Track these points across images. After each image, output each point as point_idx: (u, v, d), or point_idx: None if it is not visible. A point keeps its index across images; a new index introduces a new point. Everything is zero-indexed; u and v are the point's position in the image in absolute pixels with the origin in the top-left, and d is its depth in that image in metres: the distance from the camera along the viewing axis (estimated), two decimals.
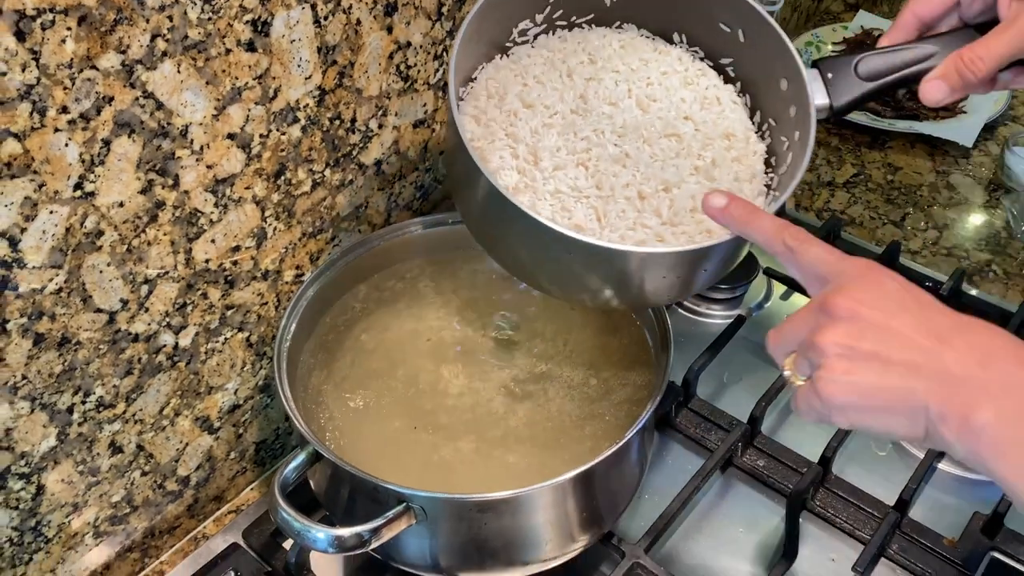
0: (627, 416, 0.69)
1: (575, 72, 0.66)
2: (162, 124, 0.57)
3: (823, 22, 1.42)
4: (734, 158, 0.65)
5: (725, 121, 0.67)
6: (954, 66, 0.60)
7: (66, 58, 0.51)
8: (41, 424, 0.60)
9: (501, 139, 0.62)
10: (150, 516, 0.72)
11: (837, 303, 0.48)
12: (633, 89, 0.66)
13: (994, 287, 0.98)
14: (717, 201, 0.57)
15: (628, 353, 0.74)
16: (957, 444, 0.45)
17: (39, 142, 0.52)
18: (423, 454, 0.67)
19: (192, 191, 0.62)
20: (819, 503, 0.76)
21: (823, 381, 0.48)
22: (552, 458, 0.67)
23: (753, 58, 0.67)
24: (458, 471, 0.66)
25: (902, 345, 0.47)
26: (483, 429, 0.69)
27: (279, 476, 0.59)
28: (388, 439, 0.68)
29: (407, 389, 0.71)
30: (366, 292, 0.77)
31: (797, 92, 0.64)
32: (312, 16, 0.63)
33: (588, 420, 0.69)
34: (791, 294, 0.96)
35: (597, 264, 0.59)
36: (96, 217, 0.57)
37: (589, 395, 0.71)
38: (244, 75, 0.61)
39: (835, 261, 0.51)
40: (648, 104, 0.66)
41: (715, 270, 0.63)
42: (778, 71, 0.65)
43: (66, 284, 0.57)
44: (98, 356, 0.61)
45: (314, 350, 0.73)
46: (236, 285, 0.68)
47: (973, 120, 1.18)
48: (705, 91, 0.68)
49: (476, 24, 0.61)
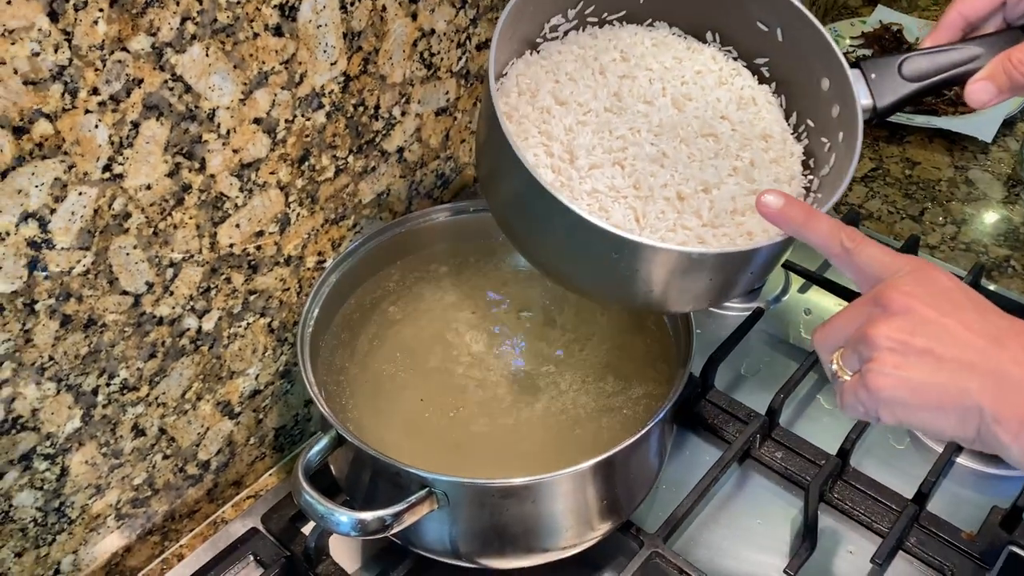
0: (645, 410, 0.69)
1: (607, 70, 0.65)
2: (190, 107, 0.58)
3: (841, 16, 1.41)
4: (772, 159, 0.65)
5: (762, 122, 0.66)
6: (1002, 67, 0.59)
7: (98, 40, 0.51)
8: (66, 405, 0.60)
9: (535, 136, 0.62)
10: (170, 500, 0.72)
11: (891, 297, 0.48)
12: (668, 88, 0.65)
13: (1013, 283, 0.98)
14: (774, 201, 0.55)
15: (648, 346, 0.74)
16: (1014, 446, 0.45)
17: (70, 123, 0.52)
18: (445, 439, 0.67)
19: (218, 175, 0.62)
20: (837, 495, 0.76)
21: (872, 374, 0.47)
22: (570, 448, 0.67)
23: (791, 57, 0.67)
24: (478, 457, 0.66)
25: (956, 343, 0.46)
26: (503, 416, 0.69)
27: (302, 459, 0.59)
28: (410, 424, 0.68)
29: (429, 375, 0.71)
30: (388, 279, 0.77)
31: (840, 91, 0.63)
32: (338, 2, 0.63)
33: (605, 413, 0.69)
34: (809, 287, 0.95)
35: (644, 265, 0.57)
36: (124, 199, 0.57)
37: (606, 389, 0.71)
38: (271, 60, 0.61)
39: (890, 261, 0.51)
40: (684, 103, 0.65)
41: (758, 273, 0.62)
42: (818, 70, 0.65)
43: (93, 266, 0.57)
44: (123, 339, 0.61)
45: (335, 336, 0.73)
46: (259, 270, 0.69)
47: (992, 115, 1.17)
48: (740, 91, 0.67)
49: (513, 18, 0.60)
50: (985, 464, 0.80)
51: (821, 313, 0.93)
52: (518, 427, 0.68)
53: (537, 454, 0.67)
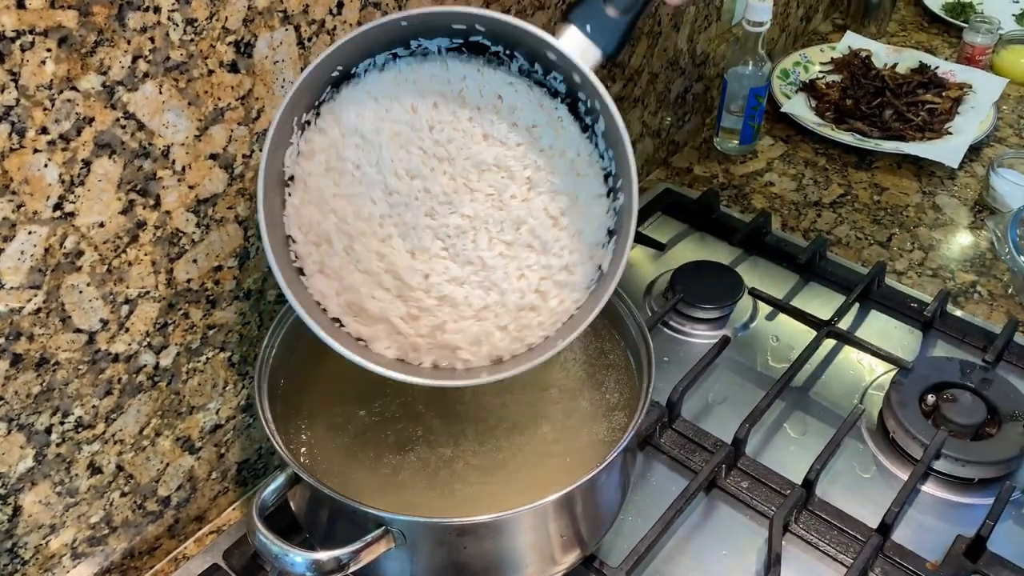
0: (608, 440, 0.69)
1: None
2: (143, 145, 0.57)
3: (811, 43, 1.43)
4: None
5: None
6: None
7: (46, 79, 0.51)
8: (18, 445, 0.59)
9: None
10: (130, 537, 0.71)
11: None
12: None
13: (979, 308, 0.98)
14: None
15: (611, 376, 0.74)
16: None
17: (18, 163, 0.51)
18: (408, 475, 0.67)
19: (174, 211, 0.61)
20: (802, 526, 0.76)
21: None
22: (533, 481, 0.67)
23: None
24: (440, 493, 0.66)
25: None
26: (466, 451, 0.68)
27: (257, 499, 0.59)
28: (371, 460, 0.68)
29: (391, 409, 0.71)
30: None
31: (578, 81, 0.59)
32: (296, 37, 0.63)
33: (569, 443, 0.69)
34: (776, 314, 0.96)
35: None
36: (76, 237, 0.56)
37: (571, 418, 0.71)
38: (227, 96, 0.61)
39: None
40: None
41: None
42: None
43: (45, 304, 0.57)
44: (77, 376, 0.61)
45: (297, 369, 0.73)
46: (218, 305, 0.68)
47: (959, 141, 1.19)
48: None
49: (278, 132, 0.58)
50: (950, 492, 0.80)
51: (789, 340, 0.93)
52: (486, 461, 0.68)
53: (504, 489, 0.66)
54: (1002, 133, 1.25)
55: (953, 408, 0.82)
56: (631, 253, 1.03)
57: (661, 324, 0.94)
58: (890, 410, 0.83)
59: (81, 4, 0.50)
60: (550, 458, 0.69)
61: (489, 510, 0.59)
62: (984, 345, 0.91)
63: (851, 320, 0.96)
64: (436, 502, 0.65)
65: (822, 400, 0.88)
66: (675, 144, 1.21)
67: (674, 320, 0.95)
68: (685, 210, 1.09)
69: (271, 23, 0.61)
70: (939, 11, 1.50)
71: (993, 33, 1.33)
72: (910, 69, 1.33)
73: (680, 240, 1.06)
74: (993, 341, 0.90)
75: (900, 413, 0.82)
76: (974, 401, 0.83)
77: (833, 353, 0.92)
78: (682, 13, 1.07)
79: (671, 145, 1.20)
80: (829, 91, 1.27)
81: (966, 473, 0.79)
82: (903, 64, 1.34)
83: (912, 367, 0.86)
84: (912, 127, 1.21)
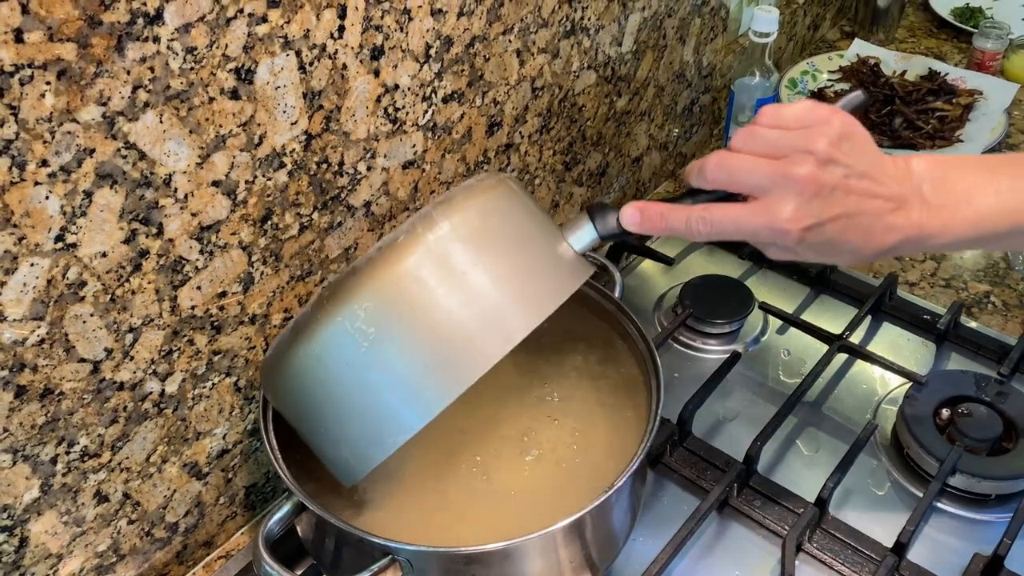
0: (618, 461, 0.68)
1: None
2: (145, 174, 0.57)
3: (819, 51, 1.42)
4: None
5: None
6: (687, 213, 0.60)
7: (45, 112, 0.50)
8: (24, 476, 0.59)
9: None
10: (138, 564, 0.71)
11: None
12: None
13: (993, 319, 0.97)
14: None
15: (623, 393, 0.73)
16: None
17: (18, 196, 0.51)
18: (414, 500, 0.66)
19: (176, 239, 0.61)
20: (816, 545, 0.75)
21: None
22: (544, 505, 0.66)
23: None
24: (450, 518, 0.65)
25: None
26: (474, 477, 0.68)
27: (263, 528, 0.58)
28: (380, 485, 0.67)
29: None
30: None
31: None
32: (297, 63, 0.63)
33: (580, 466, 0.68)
34: (787, 328, 0.95)
35: None
36: (78, 268, 0.56)
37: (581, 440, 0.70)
38: (228, 123, 0.61)
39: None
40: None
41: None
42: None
43: (48, 335, 0.56)
44: (82, 406, 0.61)
45: None
46: (223, 330, 0.68)
47: (970, 148, 1.17)
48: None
49: None
50: (966, 509, 0.79)
51: (800, 354, 0.92)
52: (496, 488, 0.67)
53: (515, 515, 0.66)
54: (1014, 139, 1.23)
55: (968, 423, 0.81)
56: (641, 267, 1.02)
57: (671, 339, 0.93)
58: (904, 425, 0.82)
59: (80, 36, 0.50)
60: (560, 480, 0.68)
61: (499, 536, 0.58)
62: (999, 357, 0.90)
63: (863, 333, 0.95)
64: (445, 529, 0.64)
65: (835, 416, 0.87)
66: (682, 156, 1.21)
67: (684, 335, 0.94)
68: None
69: (272, 49, 0.61)
70: (948, 16, 1.49)
71: (1003, 38, 1.32)
72: (919, 76, 1.31)
73: (689, 254, 1.05)
74: (1008, 353, 0.88)
75: (914, 428, 0.81)
76: (990, 415, 0.82)
77: (845, 367, 0.91)
78: (687, 25, 1.07)
79: (679, 157, 1.20)
80: (838, 100, 1.26)
81: (982, 489, 0.78)
82: (912, 71, 1.32)
83: (926, 381, 0.85)
84: (922, 135, 1.20)
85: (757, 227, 0.57)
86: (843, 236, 0.57)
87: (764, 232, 0.57)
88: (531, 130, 0.89)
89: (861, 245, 0.58)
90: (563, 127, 0.94)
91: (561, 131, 0.94)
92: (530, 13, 0.81)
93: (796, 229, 0.56)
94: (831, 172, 0.56)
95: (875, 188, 0.57)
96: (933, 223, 0.58)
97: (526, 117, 0.88)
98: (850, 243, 0.57)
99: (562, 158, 0.96)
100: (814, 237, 0.57)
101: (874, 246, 0.58)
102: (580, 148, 0.99)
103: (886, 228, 0.57)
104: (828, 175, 0.56)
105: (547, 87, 0.88)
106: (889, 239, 0.58)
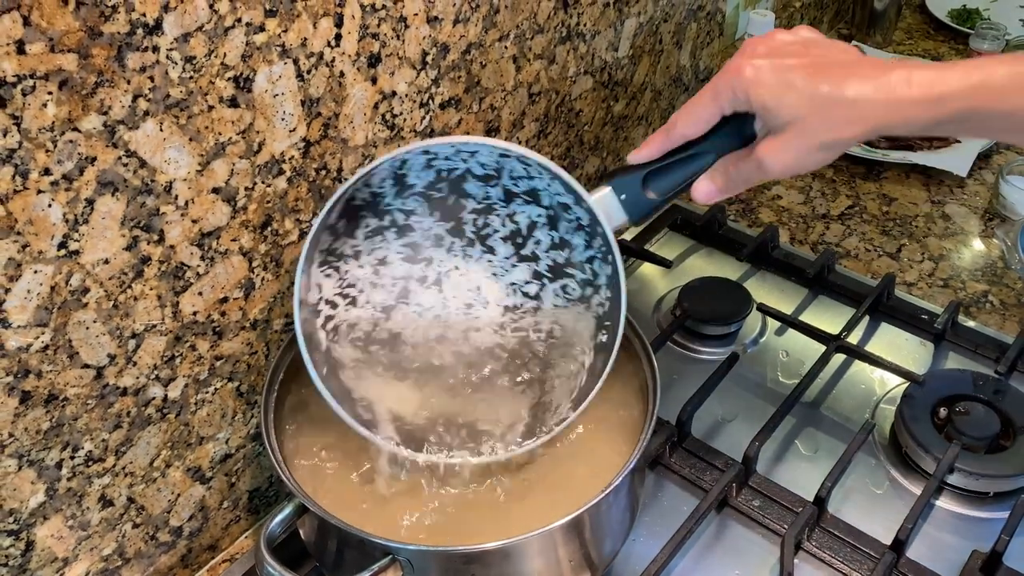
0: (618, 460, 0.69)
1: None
2: (146, 181, 0.58)
3: None
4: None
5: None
6: (726, 171, 0.62)
7: (47, 122, 0.51)
8: (29, 481, 0.60)
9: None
10: (143, 568, 0.72)
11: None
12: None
13: (991, 318, 0.98)
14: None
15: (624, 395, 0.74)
16: None
17: (22, 204, 0.52)
18: (417, 501, 0.67)
19: (178, 245, 0.62)
20: (815, 544, 0.75)
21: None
22: (543, 504, 0.66)
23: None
24: (449, 519, 0.66)
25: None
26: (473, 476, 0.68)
27: (265, 530, 0.59)
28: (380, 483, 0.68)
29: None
30: None
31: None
32: (295, 70, 0.64)
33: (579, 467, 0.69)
34: (785, 330, 0.95)
35: None
36: (81, 275, 0.57)
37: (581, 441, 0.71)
38: (227, 130, 0.62)
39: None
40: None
41: None
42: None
43: (52, 342, 0.57)
44: (86, 411, 0.61)
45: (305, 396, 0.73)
46: (225, 336, 0.69)
47: (967, 149, 1.18)
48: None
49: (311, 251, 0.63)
50: (964, 507, 0.79)
51: (798, 355, 0.93)
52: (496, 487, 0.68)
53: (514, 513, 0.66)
54: None
55: (966, 421, 0.81)
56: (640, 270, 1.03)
57: (670, 342, 0.94)
58: (902, 424, 0.82)
59: (81, 47, 0.51)
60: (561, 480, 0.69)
61: (498, 535, 0.59)
62: (997, 356, 0.90)
63: (861, 333, 0.95)
64: (445, 528, 0.65)
65: (833, 415, 0.87)
66: None
67: (682, 337, 0.95)
68: (692, 226, 1.09)
69: (269, 57, 0.62)
70: (945, 18, 1.50)
71: (1000, 39, 1.32)
72: None
73: (688, 256, 1.06)
74: (1006, 352, 0.89)
75: (912, 427, 0.81)
76: (987, 413, 0.82)
77: (844, 367, 0.92)
78: (683, 30, 1.07)
79: None
80: None
81: (980, 487, 0.79)
82: None
83: (924, 380, 0.85)
84: (919, 136, 1.20)
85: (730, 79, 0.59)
86: (811, 76, 0.57)
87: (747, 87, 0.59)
88: (528, 135, 0.90)
89: (832, 90, 0.56)
90: (560, 132, 0.95)
91: (559, 136, 0.95)
92: (526, 19, 0.82)
93: (764, 54, 0.59)
94: (787, 42, 0.61)
95: (835, 54, 0.59)
96: (898, 78, 0.55)
97: (523, 122, 0.88)
98: (819, 84, 0.57)
99: (560, 163, 0.97)
100: (781, 71, 0.58)
101: (838, 91, 0.56)
102: (578, 152, 1.00)
103: (848, 73, 0.56)
104: (783, 45, 0.61)
105: (544, 92, 0.89)
106: (852, 87, 0.56)
